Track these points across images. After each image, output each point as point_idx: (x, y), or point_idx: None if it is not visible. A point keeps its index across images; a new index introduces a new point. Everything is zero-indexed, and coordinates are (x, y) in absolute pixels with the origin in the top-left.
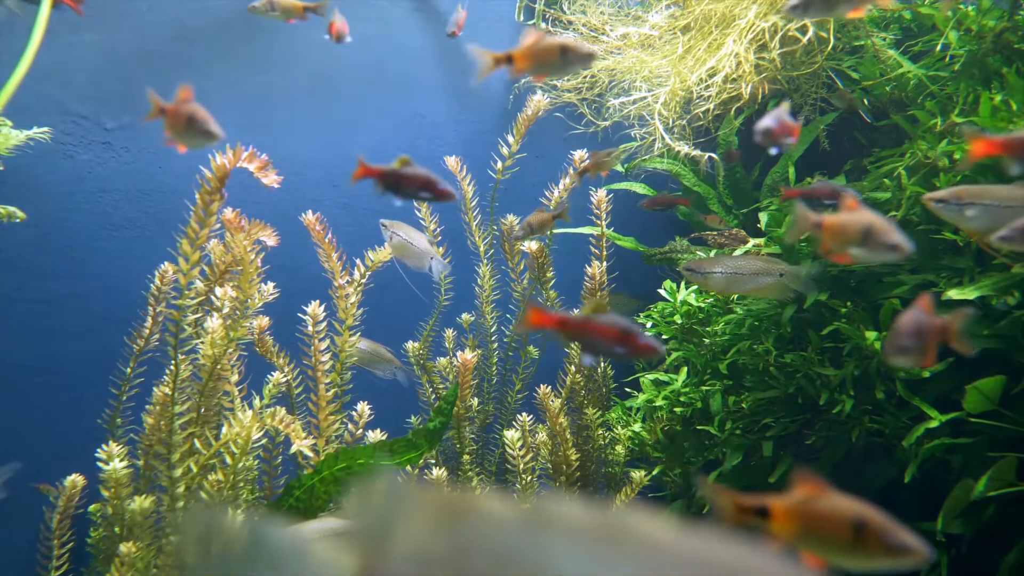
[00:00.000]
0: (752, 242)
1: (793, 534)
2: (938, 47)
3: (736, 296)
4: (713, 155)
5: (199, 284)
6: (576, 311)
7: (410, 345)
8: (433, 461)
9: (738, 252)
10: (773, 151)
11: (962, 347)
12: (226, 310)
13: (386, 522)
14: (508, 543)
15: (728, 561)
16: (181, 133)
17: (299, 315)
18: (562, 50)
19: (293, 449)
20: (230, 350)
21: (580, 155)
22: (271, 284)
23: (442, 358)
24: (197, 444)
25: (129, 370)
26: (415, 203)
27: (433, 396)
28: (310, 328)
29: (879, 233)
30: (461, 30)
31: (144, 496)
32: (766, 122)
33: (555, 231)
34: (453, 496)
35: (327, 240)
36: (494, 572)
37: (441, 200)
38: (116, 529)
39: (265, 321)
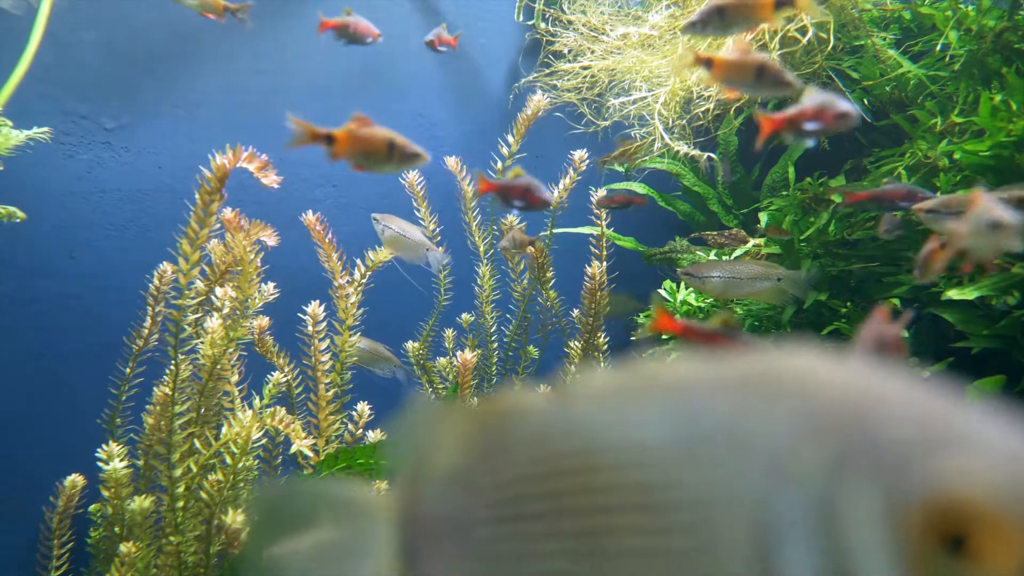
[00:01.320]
0: (752, 242)
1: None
2: (938, 47)
3: None
4: (712, 155)
5: (199, 284)
6: (705, 322)
7: (410, 345)
8: None
9: (738, 252)
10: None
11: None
12: (226, 310)
13: (417, 447)
14: (538, 429)
15: (773, 367)
16: (371, 159)
17: (299, 315)
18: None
19: (293, 449)
20: (230, 350)
21: (580, 155)
22: (271, 284)
23: (442, 358)
24: (197, 444)
25: (128, 370)
26: (414, 202)
27: (433, 396)
28: (310, 328)
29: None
30: (443, 44)
31: (144, 496)
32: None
33: (555, 231)
34: (479, 405)
35: (327, 240)
36: (535, 466)
37: (536, 208)
38: (116, 529)
39: (265, 321)
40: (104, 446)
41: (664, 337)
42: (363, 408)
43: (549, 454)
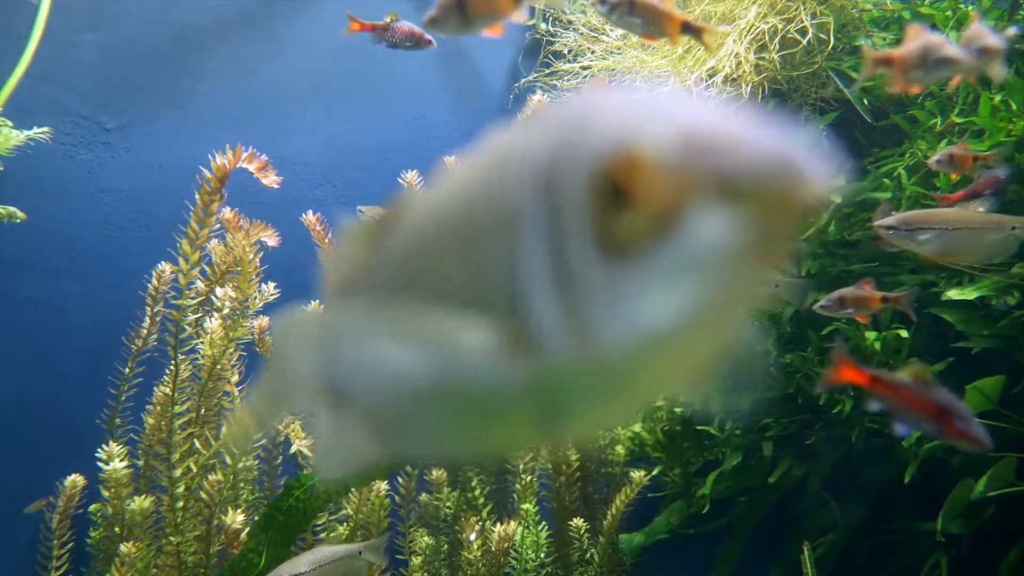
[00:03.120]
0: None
1: None
2: None
3: None
4: None
5: (199, 284)
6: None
7: None
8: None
9: None
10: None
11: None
12: (226, 310)
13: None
14: (393, 233)
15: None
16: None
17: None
18: None
19: (293, 449)
20: (230, 350)
21: None
22: (271, 284)
23: None
24: (197, 444)
25: (128, 370)
26: None
27: None
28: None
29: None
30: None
31: (144, 496)
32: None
33: None
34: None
35: (327, 240)
36: (401, 249)
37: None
38: (116, 529)
39: (265, 321)
40: (104, 446)
41: None
42: None
43: (404, 242)
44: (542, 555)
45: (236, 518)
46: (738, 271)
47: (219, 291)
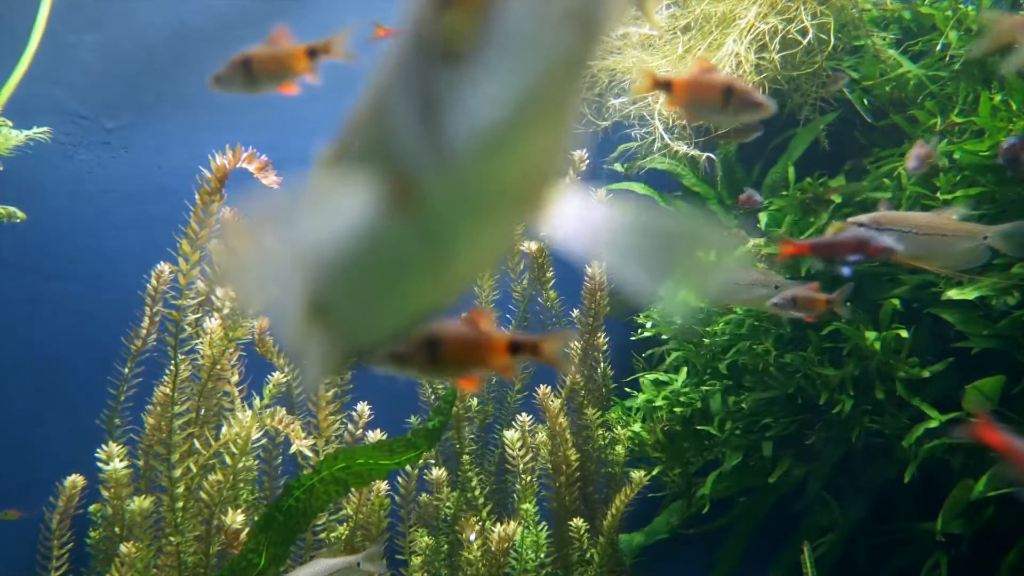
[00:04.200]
0: (752, 242)
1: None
2: (938, 47)
3: None
4: (712, 155)
5: (199, 284)
6: None
7: None
8: (433, 461)
9: (737, 252)
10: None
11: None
12: (226, 310)
13: None
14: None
15: None
16: (706, 107)
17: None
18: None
19: (293, 449)
20: (230, 350)
21: (580, 155)
22: None
23: None
24: (197, 444)
25: (127, 370)
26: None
27: (432, 396)
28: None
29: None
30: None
31: (144, 496)
32: None
33: None
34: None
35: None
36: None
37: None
38: (116, 529)
39: (265, 321)
40: (104, 446)
41: (664, 337)
42: (363, 408)
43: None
44: (542, 555)
45: (236, 518)
46: (556, 56)
47: (219, 291)
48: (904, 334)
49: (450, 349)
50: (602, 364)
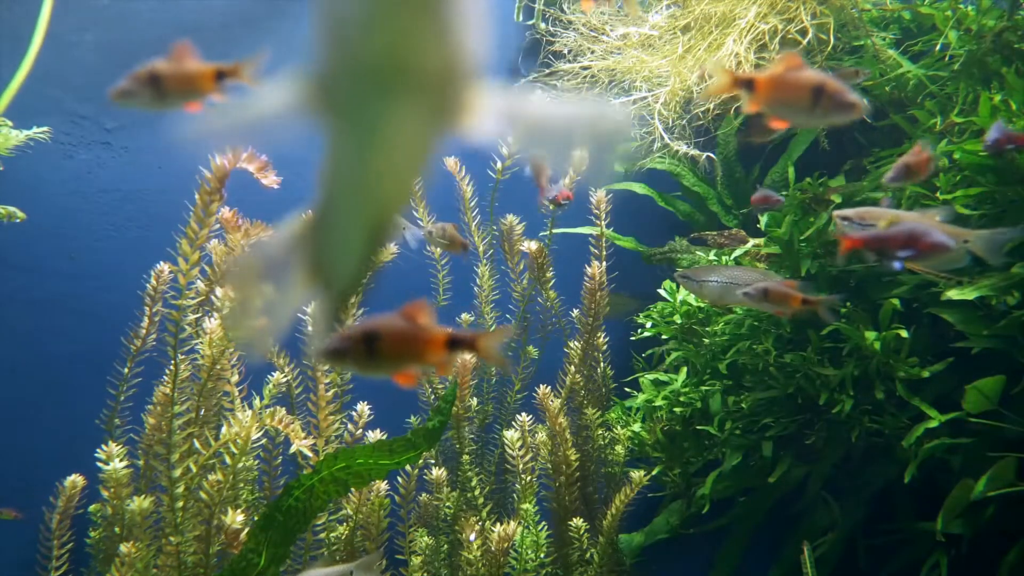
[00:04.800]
0: (752, 242)
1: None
2: (938, 47)
3: None
4: (712, 155)
5: (199, 284)
6: None
7: None
8: (433, 461)
9: (737, 252)
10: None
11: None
12: (226, 310)
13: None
14: None
15: None
16: (794, 108)
17: (299, 315)
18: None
19: (293, 449)
20: (229, 350)
21: (580, 155)
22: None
23: None
24: (197, 444)
25: (126, 370)
26: (412, 202)
27: (432, 396)
28: (310, 328)
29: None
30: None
31: (144, 496)
32: None
33: (555, 231)
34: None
35: None
36: None
37: (927, 256)
38: (116, 529)
39: (265, 321)
40: (104, 446)
41: (663, 336)
42: (363, 408)
43: None
44: (542, 555)
45: (236, 518)
46: None
47: (219, 291)
48: (904, 334)
49: (388, 344)
50: (602, 364)
